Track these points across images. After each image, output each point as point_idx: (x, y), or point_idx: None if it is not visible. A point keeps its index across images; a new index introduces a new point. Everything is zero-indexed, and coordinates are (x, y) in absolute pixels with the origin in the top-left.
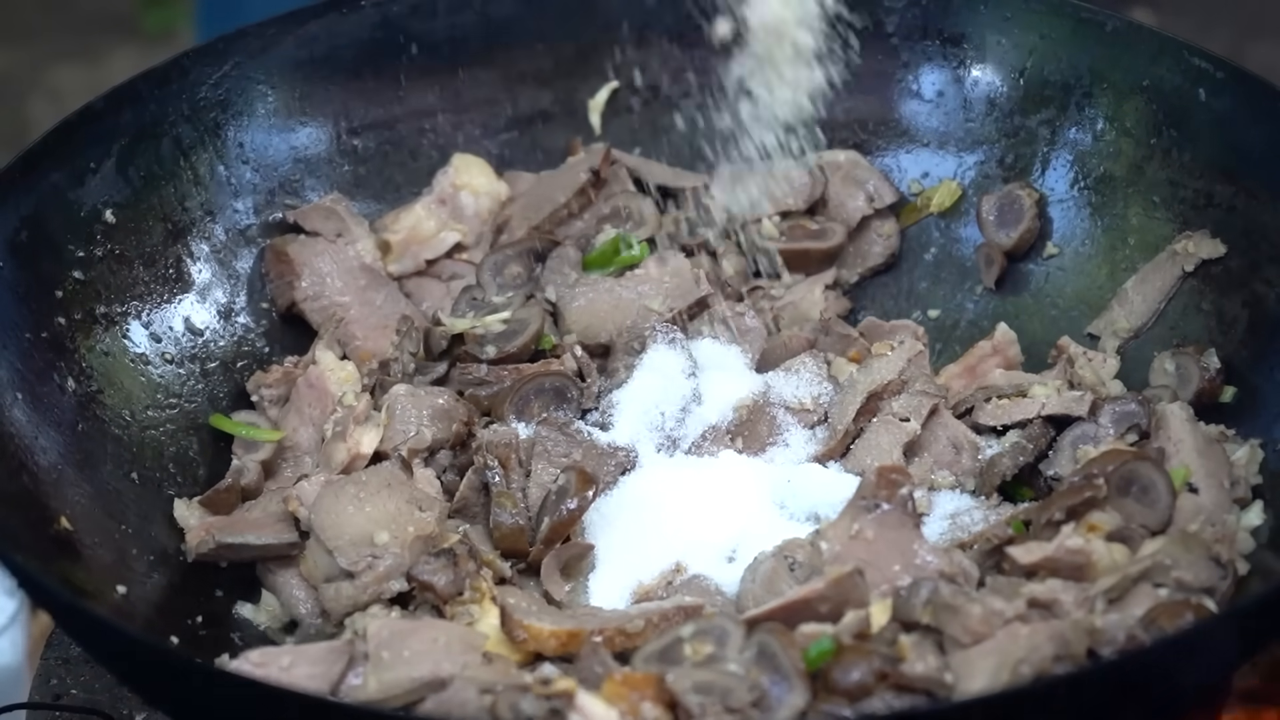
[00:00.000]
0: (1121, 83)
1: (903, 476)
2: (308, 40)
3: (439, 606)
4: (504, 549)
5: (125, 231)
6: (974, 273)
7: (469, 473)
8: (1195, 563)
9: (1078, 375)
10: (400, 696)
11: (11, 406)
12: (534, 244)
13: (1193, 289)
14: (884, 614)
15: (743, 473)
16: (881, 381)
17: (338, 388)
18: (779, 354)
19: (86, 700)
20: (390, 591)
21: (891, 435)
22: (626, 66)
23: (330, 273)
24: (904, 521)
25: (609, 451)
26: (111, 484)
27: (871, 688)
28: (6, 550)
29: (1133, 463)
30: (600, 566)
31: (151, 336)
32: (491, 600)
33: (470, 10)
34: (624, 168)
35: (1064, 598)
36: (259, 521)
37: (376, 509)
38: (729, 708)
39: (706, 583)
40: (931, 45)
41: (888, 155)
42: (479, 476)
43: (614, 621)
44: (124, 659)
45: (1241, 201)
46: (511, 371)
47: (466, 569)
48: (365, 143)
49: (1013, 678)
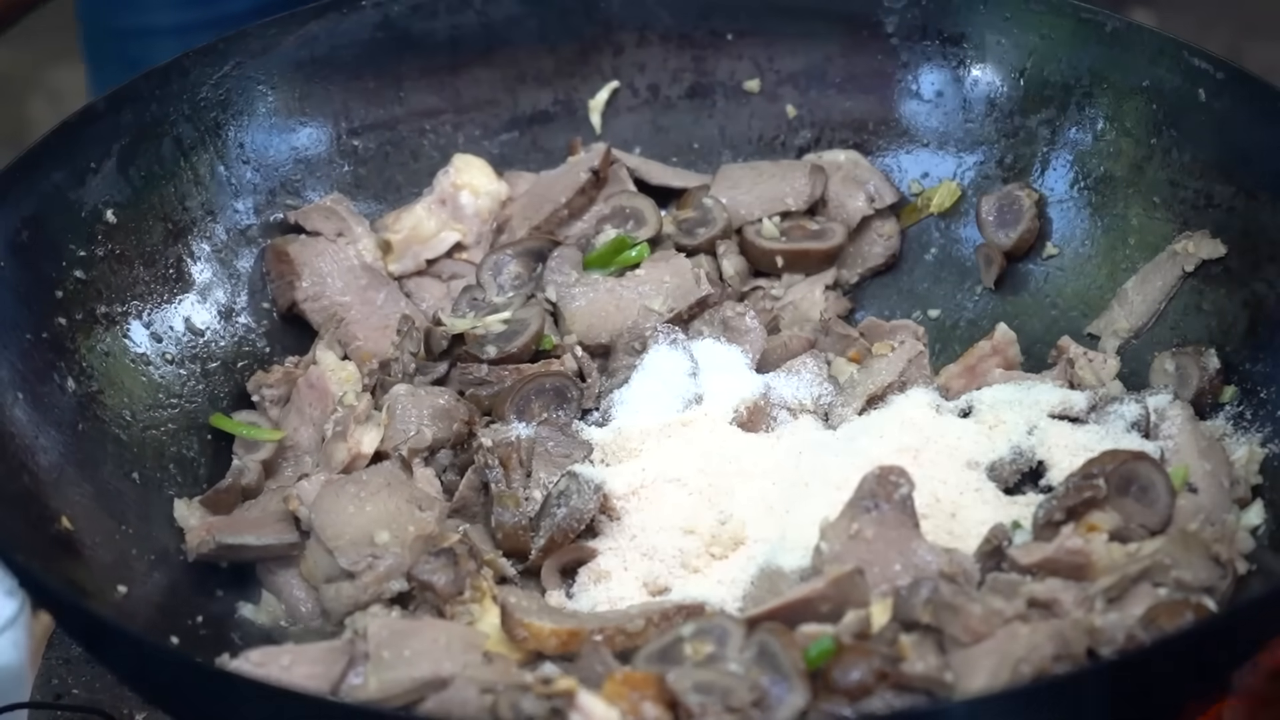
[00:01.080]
0: (1121, 83)
1: (901, 477)
2: (308, 40)
3: (439, 606)
4: (506, 549)
5: (126, 231)
6: (974, 273)
7: (469, 472)
8: (1195, 562)
9: (1078, 375)
10: (401, 696)
11: (12, 406)
12: (534, 244)
13: (1193, 289)
14: (884, 614)
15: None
16: (882, 383)
17: (338, 387)
18: (779, 354)
19: (88, 700)
20: (390, 591)
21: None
22: (627, 66)
23: (331, 273)
24: (903, 521)
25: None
26: (112, 484)
27: (872, 687)
28: (8, 550)
29: (1132, 462)
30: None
31: (152, 336)
32: (492, 599)
33: (471, 10)
34: (624, 168)
35: (1064, 597)
36: (259, 522)
37: (377, 508)
38: (729, 707)
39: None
40: (931, 45)
41: (888, 155)
42: (479, 476)
43: (614, 621)
44: (125, 659)
45: (1241, 202)
46: (512, 372)
47: (467, 568)
48: (366, 143)
49: (1013, 677)
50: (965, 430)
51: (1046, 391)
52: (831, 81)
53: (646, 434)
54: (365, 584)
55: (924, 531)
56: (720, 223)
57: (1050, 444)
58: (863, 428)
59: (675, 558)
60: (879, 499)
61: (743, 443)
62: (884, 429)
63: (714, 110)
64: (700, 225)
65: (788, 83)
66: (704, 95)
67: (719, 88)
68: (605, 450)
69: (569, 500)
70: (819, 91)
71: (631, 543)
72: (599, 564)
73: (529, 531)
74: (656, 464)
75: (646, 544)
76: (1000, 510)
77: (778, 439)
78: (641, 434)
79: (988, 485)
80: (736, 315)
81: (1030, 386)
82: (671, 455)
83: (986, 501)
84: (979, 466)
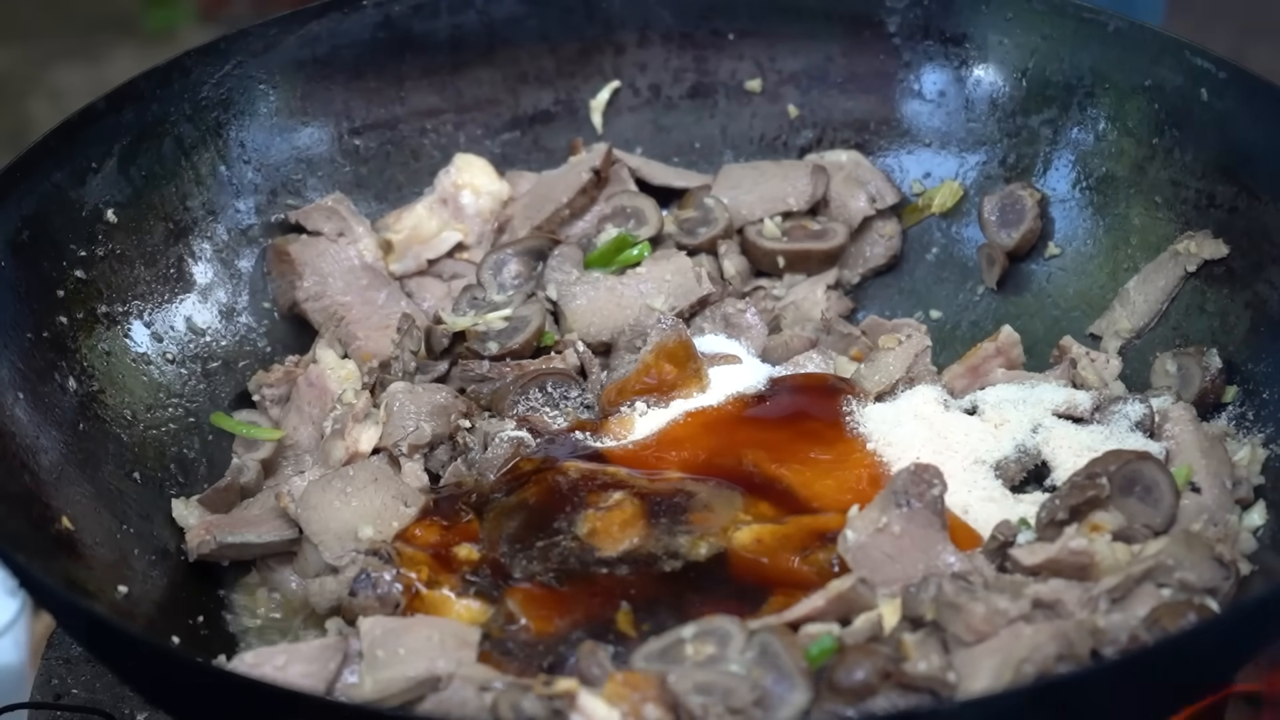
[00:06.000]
0: (1123, 83)
1: (936, 477)
2: (310, 40)
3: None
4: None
5: (127, 231)
6: (976, 273)
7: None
8: (1198, 563)
9: (1080, 376)
10: (398, 695)
11: (13, 406)
12: (535, 243)
13: (1195, 289)
14: (894, 615)
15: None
16: (891, 378)
17: (338, 386)
18: (780, 353)
19: (88, 700)
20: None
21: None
22: (628, 66)
23: (332, 272)
24: (931, 521)
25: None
26: (113, 484)
27: (876, 687)
28: (8, 550)
29: (1136, 462)
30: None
31: (153, 336)
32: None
33: (472, 10)
34: (625, 167)
35: (1067, 597)
36: (258, 519)
37: (362, 503)
38: (731, 708)
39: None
40: (933, 45)
41: (889, 155)
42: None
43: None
44: (125, 659)
45: (1243, 202)
46: (513, 367)
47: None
48: (367, 142)
49: (1016, 677)
50: (972, 428)
51: (1051, 391)
52: (833, 81)
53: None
54: (347, 579)
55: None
56: (722, 223)
57: (1054, 443)
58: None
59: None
60: (911, 496)
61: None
62: (895, 423)
63: (715, 110)
64: (701, 225)
65: (789, 82)
66: (705, 95)
67: (720, 88)
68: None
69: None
70: (821, 91)
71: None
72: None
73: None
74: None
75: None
76: (1007, 508)
77: None
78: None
79: (995, 483)
80: (738, 311)
81: (1034, 386)
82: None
83: (994, 499)
84: (985, 464)
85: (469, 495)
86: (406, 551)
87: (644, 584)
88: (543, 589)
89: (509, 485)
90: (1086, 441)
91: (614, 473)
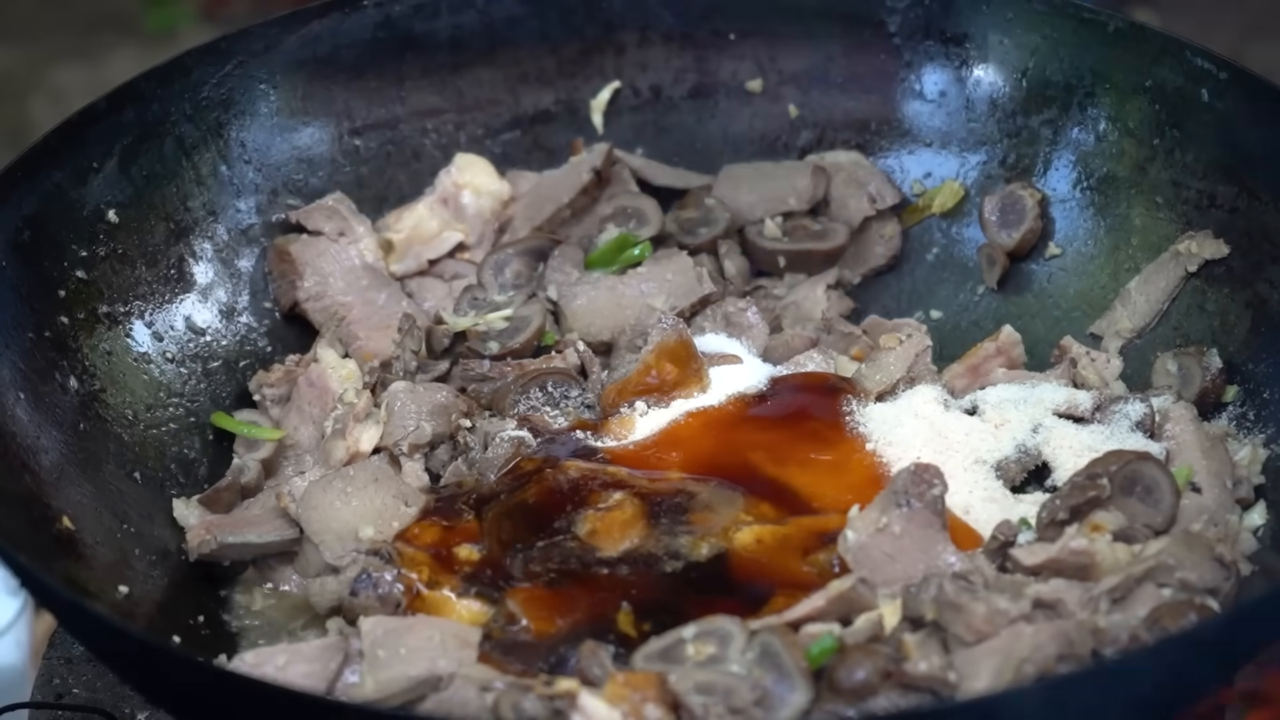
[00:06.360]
0: (1124, 83)
1: (936, 477)
2: (310, 40)
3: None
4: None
5: (128, 231)
6: (976, 273)
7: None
8: (1199, 563)
9: (1081, 376)
10: (399, 695)
11: (14, 406)
12: (536, 243)
13: (1195, 289)
14: (895, 615)
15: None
16: (889, 381)
17: (339, 385)
18: (781, 353)
19: (89, 699)
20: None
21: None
22: (629, 66)
23: (333, 272)
24: (931, 521)
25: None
26: (113, 483)
27: (876, 687)
28: (9, 550)
29: (1136, 462)
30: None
31: (154, 336)
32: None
33: (473, 10)
34: (626, 168)
35: (1068, 597)
36: (259, 519)
37: (362, 503)
38: (732, 708)
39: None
40: (934, 45)
41: (890, 156)
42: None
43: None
44: (126, 658)
45: (1244, 202)
46: (514, 367)
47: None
48: (368, 142)
49: (1016, 677)
50: (973, 427)
51: (1051, 391)
52: (834, 81)
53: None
54: (348, 579)
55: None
56: (722, 223)
57: (1055, 443)
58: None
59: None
60: (911, 496)
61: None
62: (896, 423)
63: (716, 110)
64: (702, 225)
65: (790, 83)
66: (706, 95)
67: (721, 88)
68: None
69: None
70: (821, 91)
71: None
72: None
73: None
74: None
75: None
76: (1008, 508)
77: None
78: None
79: (995, 483)
80: (739, 310)
81: (1035, 386)
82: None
83: (994, 499)
84: (986, 464)
85: (469, 495)
86: (407, 551)
87: (645, 584)
88: (544, 589)
89: (510, 485)
90: (1087, 441)
91: (615, 473)
